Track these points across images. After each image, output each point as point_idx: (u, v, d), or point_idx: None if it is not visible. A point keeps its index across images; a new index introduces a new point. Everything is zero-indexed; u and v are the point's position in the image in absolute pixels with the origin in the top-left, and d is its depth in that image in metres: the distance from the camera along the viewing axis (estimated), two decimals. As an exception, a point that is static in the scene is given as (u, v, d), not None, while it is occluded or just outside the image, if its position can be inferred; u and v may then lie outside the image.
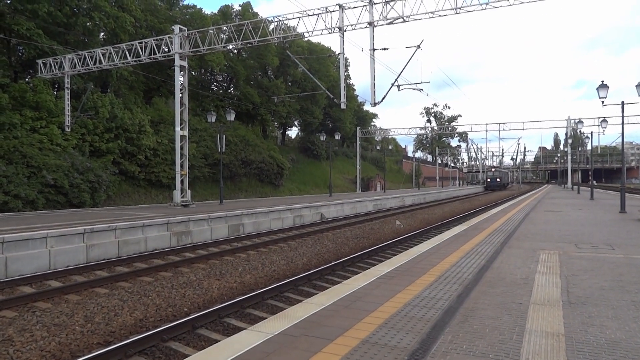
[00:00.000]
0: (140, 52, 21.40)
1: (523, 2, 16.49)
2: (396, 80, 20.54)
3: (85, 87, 24.69)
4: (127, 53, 21.66)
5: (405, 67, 20.07)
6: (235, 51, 40.98)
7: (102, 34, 29.68)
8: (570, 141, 57.93)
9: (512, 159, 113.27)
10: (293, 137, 62.92)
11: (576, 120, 40.03)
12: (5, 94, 21.26)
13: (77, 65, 22.75)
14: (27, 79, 26.18)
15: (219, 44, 20.75)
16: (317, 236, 16.67)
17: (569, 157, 58.39)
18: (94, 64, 22.43)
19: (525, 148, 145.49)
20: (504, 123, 50.46)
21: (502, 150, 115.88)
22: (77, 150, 23.51)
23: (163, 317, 7.41)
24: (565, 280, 6.16)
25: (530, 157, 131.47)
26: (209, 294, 8.79)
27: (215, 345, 4.00)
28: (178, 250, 13.23)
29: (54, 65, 23.21)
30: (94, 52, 22.57)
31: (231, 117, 25.39)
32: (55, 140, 22.62)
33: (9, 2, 24.02)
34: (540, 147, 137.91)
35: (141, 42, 21.68)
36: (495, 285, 5.90)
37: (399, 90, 21.36)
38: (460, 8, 16.94)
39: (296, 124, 57.08)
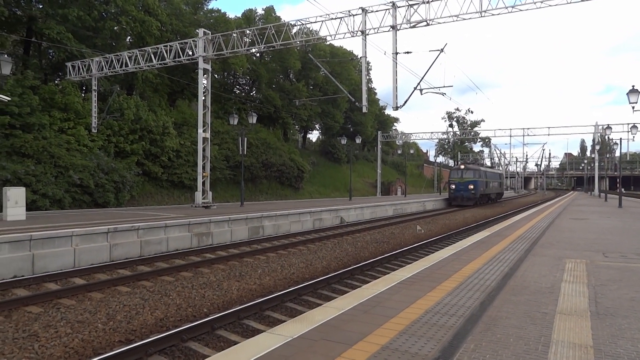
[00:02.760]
0: (165, 55, 21.78)
1: (550, 5, 16.17)
2: (419, 84, 20.37)
3: (112, 90, 25.25)
4: (152, 56, 22.08)
5: (428, 71, 19.91)
6: (258, 54, 41.31)
7: (128, 37, 30.33)
8: (597, 147, 56.45)
9: (537, 164, 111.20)
10: (314, 140, 63.08)
11: (604, 126, 39.01)
12: (36, 95, 21.89)
13: (105, 68, 23.29)
14: (56, 81, 26.92)
15: (242, 48, 20.95)
16: (336, 240, 16.61)
17: (596, 164, 56.87)
18: (121, 66, 22.93)
19: (550, 154, 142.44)
20: (528, 128, 49.47)
21: (527, 155, 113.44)
22: (103, 151, 24.02)
23: (183, 317, 7.47)
24: (593, 290, 5.97)
25: (555, 163, 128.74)
26: (229, 295, 8.83)
27: (234, 347, 4.00)
28: (199, 250, 13.36)
29: (82, 68, 23.82)
30: (120, 55, 23.07)
31: (253, 119, 25.60)
32: (82, 141, 23.18)
33: (41, 6, 24.78)
34: (566, 153, 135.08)
35: (166, 46, 22.07)
36: (519, 293, 5.75)
37: (421, 94, 21.18)
38: (485, 11, 16.71)
39: (317, 127, 57.14)
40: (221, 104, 38.05)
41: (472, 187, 38.81)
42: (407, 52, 19.31)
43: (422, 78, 20.19)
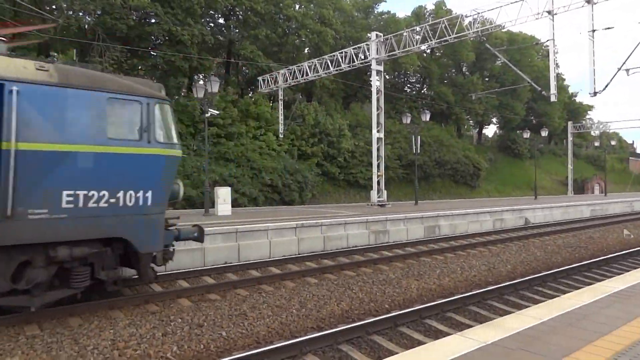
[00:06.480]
0: (341, 62, 22.99)
1: None
2: (624, 63, 17.32)
3: (295, 98, 27.80)
4: (329, 63, 23.54)
5: (637, 47, 16.80)
6: (429, 51, 40.56)
7: (307, 48, 32.97)
8: None
9: None
10: (490, 135, 59.07)
11: None
12: (235, 108, 25.44)
13: (288, 79, 25.74)
14: (250, 95, 30.85)
15: (413, 46, 20.83)
16: (521, 242, 15.25)
17: None
18: (302, 76, 25.03)
19: None
20: None
21: None
22: (288, 154, 26.61)
23: (366, 311, 7.77)
24: None
25: None
26: (408, 293, 8.86)
27: (424, 347, 4.01)
28: (376, 248, 13.72)
29: (271, 81, 26.75)
30: (301, 65, 25.20)
31: (426, 117, 25.23)
32: (271, 145, 26.08)
33: (237, 31, 28.70)
34: None
35: (341, 52, 23.29)
36: None
37: (627, 75, 18.00)
38: None
39: (494, 121, 53.33)
40: (392, 104, 38.44)
41: None
42: (608, 28, 16.64)
43: (629, 56, 17.12)
